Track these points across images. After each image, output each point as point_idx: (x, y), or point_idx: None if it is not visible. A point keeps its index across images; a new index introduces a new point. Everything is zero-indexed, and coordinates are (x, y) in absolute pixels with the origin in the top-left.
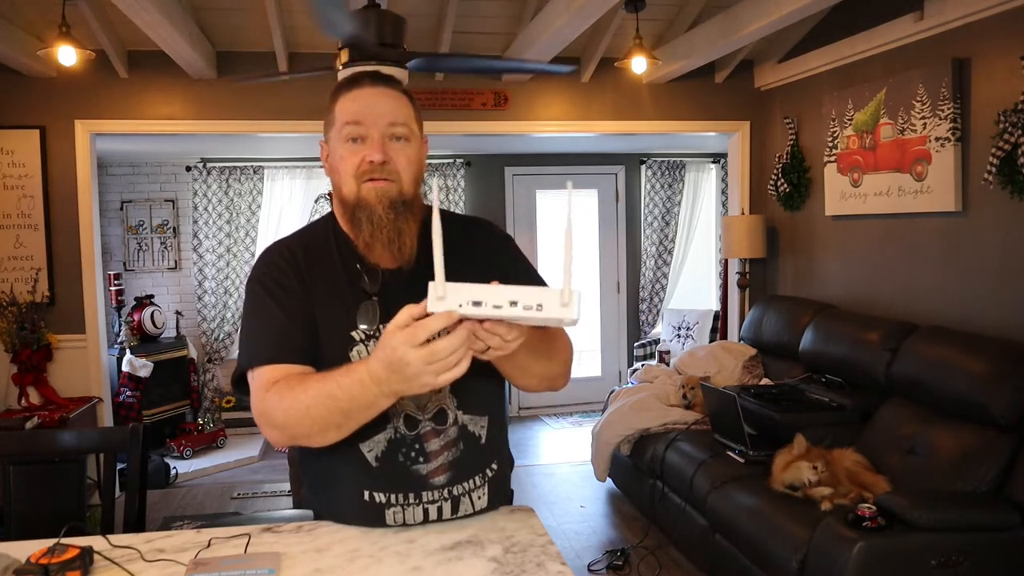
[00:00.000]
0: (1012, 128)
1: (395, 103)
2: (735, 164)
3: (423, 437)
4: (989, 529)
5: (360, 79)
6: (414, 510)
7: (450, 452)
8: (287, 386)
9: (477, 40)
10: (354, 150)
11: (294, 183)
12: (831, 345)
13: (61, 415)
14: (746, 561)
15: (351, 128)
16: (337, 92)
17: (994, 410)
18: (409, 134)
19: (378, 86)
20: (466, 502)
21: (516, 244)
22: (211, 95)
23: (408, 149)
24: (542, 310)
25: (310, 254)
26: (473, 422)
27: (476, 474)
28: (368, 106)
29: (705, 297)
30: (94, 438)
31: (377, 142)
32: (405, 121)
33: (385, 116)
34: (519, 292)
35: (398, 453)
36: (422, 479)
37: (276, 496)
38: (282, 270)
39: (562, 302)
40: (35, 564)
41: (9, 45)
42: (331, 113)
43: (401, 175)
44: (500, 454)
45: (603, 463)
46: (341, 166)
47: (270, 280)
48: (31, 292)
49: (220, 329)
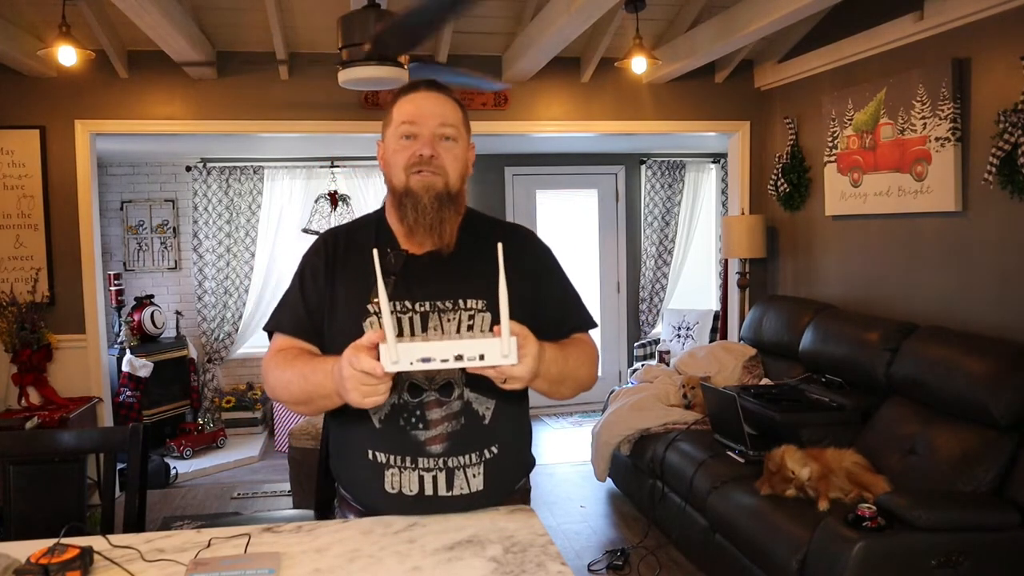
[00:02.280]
0: (1012, 128)
1: (446, 107)
2: (735, 164)
3: (426, 406)
4: (989, 529)
5: (417, 85)
6: (410, 475)
7: (450, 424)
8: (284, 357)
9: (477, 40)
10: (406, 145)
11: (294, 183)
12: (831, 345)
13: (61, 415)
14: (746, 561)
15: (406, 127)
16: (396, 96)
17: (994, 410)
18: (457, 135)
19: (433, 92)
20: (460, 477)
21: (555, 257)
22: (211, 95)
23: (455, 148)
24: (484, 359)
25: (351, 238)
26: (479, 401)
27: (473, 451)
28: (421, 107)
29: (705, 297)
30: (94, 438)
31: (427, 139)
32: (454, 123)
33: (436, 117)
34: (463, 346)
35: (399, 418)
36: (420, 444)
37: (276, 496)
38: (318, 256)
39: (502, 352)
40: (35, 564)
41: (9, 45)
42: (389, 114)
43: (447, 170)
44: (505, 441)
45: (603, 463)
46: (393, 159)
47: (308, 264)
48: (31, 292)
49: (220, 329)
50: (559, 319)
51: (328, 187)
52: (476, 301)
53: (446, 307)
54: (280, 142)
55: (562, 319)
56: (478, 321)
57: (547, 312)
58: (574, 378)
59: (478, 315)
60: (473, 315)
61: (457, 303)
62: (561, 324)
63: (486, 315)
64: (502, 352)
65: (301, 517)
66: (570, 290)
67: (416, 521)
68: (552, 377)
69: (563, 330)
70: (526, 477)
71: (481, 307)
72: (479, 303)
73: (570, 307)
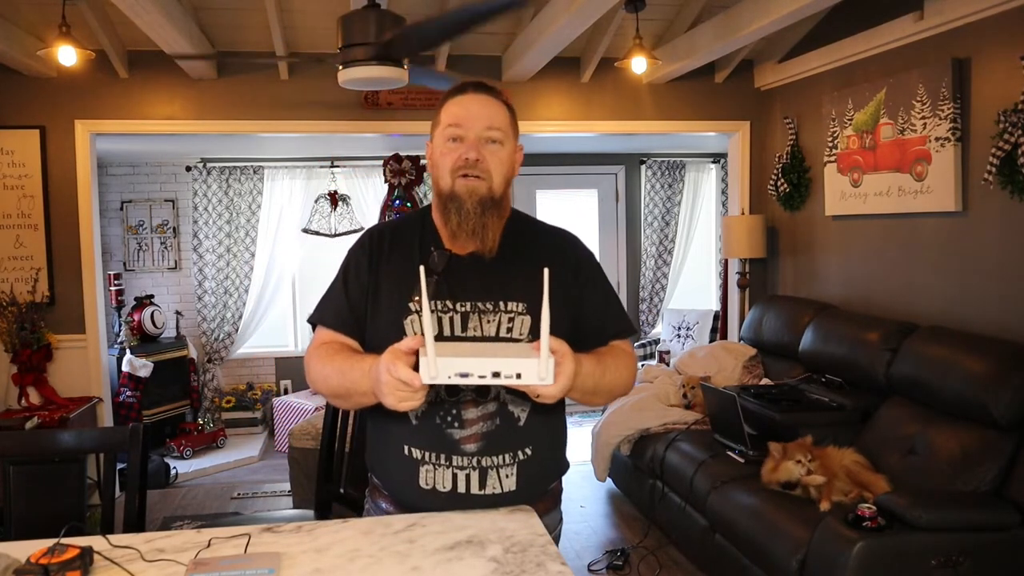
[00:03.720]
0: (1012, 128)
1: (493, 110)
2: (735, 164)
3: (462, 405)
4: (989, 529)
5: (466, 87)
6: (444, 472)
7: (485, 424)
8: (327, 352)
9: (477, 40)
10: (453, 148)
11: (294, 183)
12: (831, 345)
13: (61, 415)
14: (746, 561)
15: (452, 129)
16: (446, 98)
17: (994, 410)
18: (503, 138)
19: (480, 94)
20: (494, 477)
21: (597, 263)
22: (211, 95)
23: (501, 152)
24: (521, 378)
25: (396, 235)
26: (515, 403)
27: (507, 451)
28: (468, 110)
29: (705, 297)
30: (94, 438)
31: (473, 142)
32: (501, 127)
33: (483, 120)
34: (501, 364)
35: (436, 415)
36: (454, 443)
37: (276, 496)
38: (363, 251)
39: (540, 374)
40: (35, 564)
41: (9, 45)
42: (438, 116)
43: (492, 174)
44: (539, 443)
45: (603, 463)
46: (441, 161)
47: (352, 259)
48: (31, 292)
49: (220, 329)
50: (600, 327)
51: (328, 187)
52: (517, 304)
53: (487, 308)
54: (280, 142)
55: (603, 327)
56: (518, 324)
57: (589, 319)
58: (608, 390)
59: (518, 318)
60: (513, 317)
61: (498, 304)
62: (602, 332)
63: (526, 318)
64: (539, 374)
65: (301, 517)
66: (611, 296)
67: (416, 521)
68: (587, 389)
69: (603, 338)
70: (559, 479)
71: (521, 310)
72: (520, 306)
73: (611, 315)
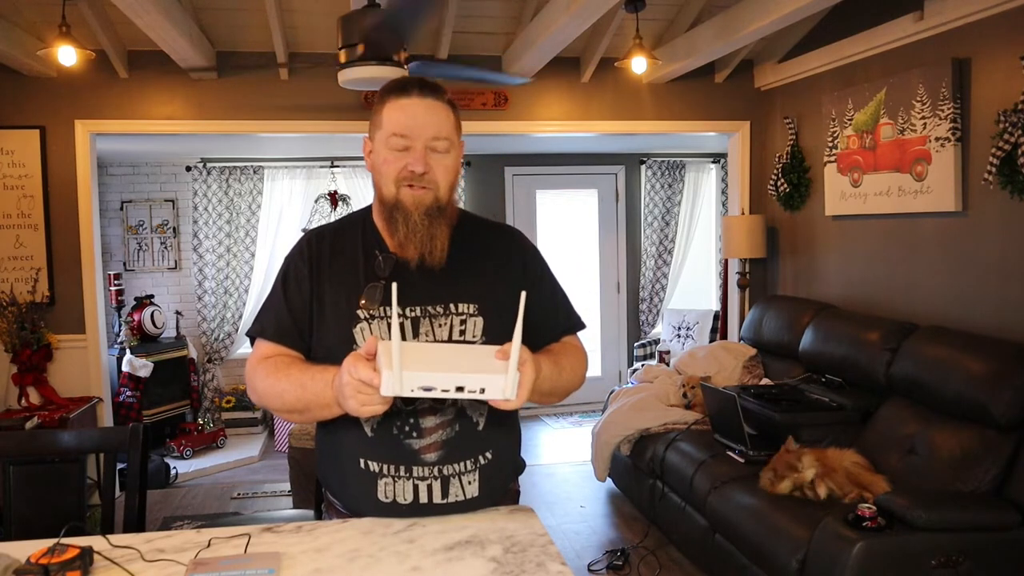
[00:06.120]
0: (1012, 128)
1: (440, 116)
2: (735, 164)
3: (419, 413)
4: (989, 529)
5: (409, 88)
6: (404, 484)
7: (444, 431)
8: (274, 366)
9: (477, 40)
10: (398, 157)
11: (294, 183)
12: (831, 345)
13: (61, 415)
14: (746, 561)
15: (397, 139)
16: (386, 95)
17: (994, 410)
18: (449, 147)
19: (426, 97)
20: (456, 485)
21: (543, 258)
22: (211, 95)
23: (447, 160)
24: (485, 393)
25: (338, 238)
26: (472, 408)
27: (468, 458)
28: (415, 118)
29: (705, 297)
30: (94, 438)
31: (420, 153)
32: (447, 135)
33: (430, 129)
34: (466, 379)
35: (392, 426)
36: (414, 453)
37: (276, 496)
38: (302, 258)
39: (504, 389)
40: (35, 564)
41: (9, 45)
42: (379, 115)
43: (439, 184)
44: (498, 447)
45: (603, 463)
46: (384, 169)
47: (290, 267)
48: (31, 292)
49: (220, 329)
50: (551, 323)
51: (328, 187)
52: (468, 305)
53: (437, 312)
54: (280, 142)
55: (554, 323)
56: (470, 325)
57: (539, 316)
58: (565, 389)
59: (470, 319)
60: (465, 319)
61: (448, 307)
62: (554, 327)
63: (478, 319)
64: (503, 389)
65: (301, 517)
66: (559, 292)
67: (416, 521)
68: (544, 391)
69: (555, 334)
70: (515, 479)
71: (473, 311)
72: (471, 307)
73: (561, 310)
